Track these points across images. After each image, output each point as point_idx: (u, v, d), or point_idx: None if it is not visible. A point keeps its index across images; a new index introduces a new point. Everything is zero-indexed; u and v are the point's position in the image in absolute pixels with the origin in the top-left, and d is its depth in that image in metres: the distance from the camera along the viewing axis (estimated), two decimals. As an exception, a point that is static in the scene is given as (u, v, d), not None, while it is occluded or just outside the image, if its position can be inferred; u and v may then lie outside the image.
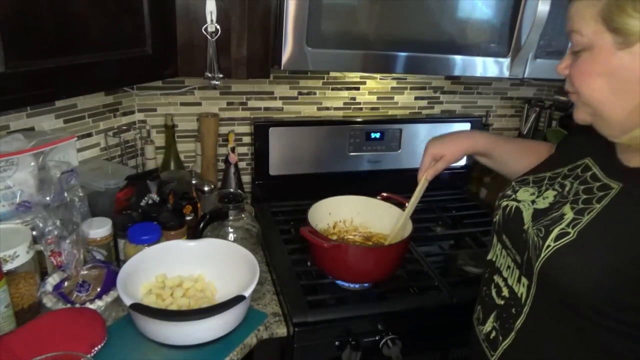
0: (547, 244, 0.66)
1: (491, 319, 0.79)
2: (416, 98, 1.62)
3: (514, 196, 0.79)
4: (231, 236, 1.16)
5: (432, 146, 0.99)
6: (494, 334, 0.78)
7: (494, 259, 0.82)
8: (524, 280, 0.72)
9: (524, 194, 0.78)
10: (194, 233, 1.10)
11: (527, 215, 0.74)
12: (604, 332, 0.64)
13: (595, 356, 0.66)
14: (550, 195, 0.74)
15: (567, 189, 0.72)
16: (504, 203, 0.80)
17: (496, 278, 0.80)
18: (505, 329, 0.75)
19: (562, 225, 0.66)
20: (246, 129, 1.49)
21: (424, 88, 1.61)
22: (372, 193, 1.23)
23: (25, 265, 0.89)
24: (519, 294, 0.73)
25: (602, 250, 0.62)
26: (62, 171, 1.00)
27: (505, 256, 0.78)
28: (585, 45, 0.62)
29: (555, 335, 0.69)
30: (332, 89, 1.52)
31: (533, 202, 0.75)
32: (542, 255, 0.66)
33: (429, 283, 1.12)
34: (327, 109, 1.55)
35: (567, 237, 0.65)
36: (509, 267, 0.77)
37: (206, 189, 1.31)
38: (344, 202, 1.22)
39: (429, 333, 1.09)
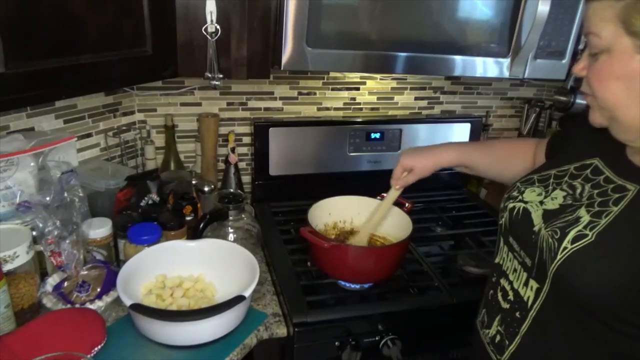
0: (563, 245, 0.64)
1: (496, 322, 0.78)
2: (416, 98, 1.62)
3: (520, 197, 0.77)
4: (231, 236, 1.16)
5: (404, 157, 1.03)
6: (499, 338, 0.77)
7: (500, 262, 0.80)
8: (532, 283, 0.70)
9: (531, 195, 0.76)
10: (194, 233, 1.10)
11: (536, 217, 0.72)
12: (621, 338, 0.62)
13: None
14: (559, 195, 0.72)
15: (578, 191, 0.70)
16: (511, 205, 0.78)
17: (502, 281, 0.78)
18: (510, 333, 0.74)
19: (579, 227, 0.64)
20: (246, 129, 1.49)
21: (424, 88, 1.61)
22: (372, 193, 1.23)
23: (25, 265, 0.89)
24: (525, 298, 0.72)
25: (623, 253, 0.60)
26: (62, 171, 1.00)
27: (512, 259, 0.76)
28: (603, 47, 0.60)
29: (566, 340, 0.67)
30: (332, 89, 1.52)
31: (541, 202, 0.73)
32: (559, 257, 0.64)
33: (429, 283, 1.12)
34: (327, 109, 1.55)
35: (586, 239, 0.63)
36: (515, 270, 0.75)
37: (206, 189, 1.31)
38: (344, 202, 1.22)
39: (429, 333, 1.09)
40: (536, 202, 0.74)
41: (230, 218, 1.16)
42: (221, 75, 1.03)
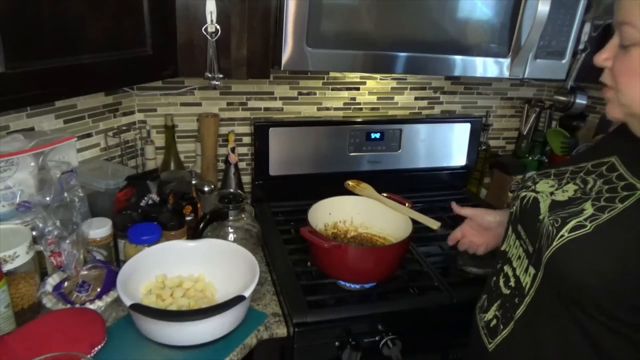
0: (561, 233, 0.65)
1: (494, 307, 0.80)
2: (416, 98, 1.62)
3: (533, 187, 0.78)
4: (231, 236, 1.16)
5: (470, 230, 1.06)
6: (494, 322, 0.78)
7: (506, 249, 0.82)
8: (531, 270, 0.72)
9: (544, 186, 0.77)
10: (194, 233, 1.10)
11: (544, 206, 0.72)
12: (603, 330, 0.63)
13: (591, 355, 0.65)
14: (570, 189, 0.72)
15: (589, 185, 0.70)
16: (523, 194, 0.79)
17: (506, 268, 0.80)
18: (506, 318, 0.76)
19: (580, 219, 0.64)
20: (246, 129, 1.49)
21: (424, 88, 1.61)
22: (372, 193, 1.23)
23: (25, 265, 0.89)
24: (523, 284, 0.73)
25: (616, 248, 0.61)
26: (62, 171, 1.00)
27: (518, 246, 0.78)
28: (637, 40, 0.57)
29: (553, 328, 0.68)
30: (332, 89, 1.52)
31: (552, 193, 0.74)
32: (554, 244, 0.65)
33: (429, 283, 1.12)
34: (327, 109, 1.55)
35: (583, 229, 0.63)
36: (519, 257, 0.77)
37: (206, 189, 1.31)
38: (344, 202, 1.22)
39: (429, 333, 1.09)
40: (547, 192, 0.75)
41: (230, 218, 1.16)
42: (221, 75, 1.03)
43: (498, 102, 1.72)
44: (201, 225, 1.10)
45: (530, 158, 1.69)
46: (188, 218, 1.18)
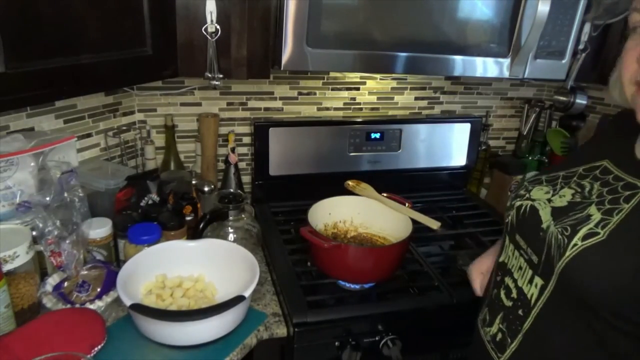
0: (573, 242, 0.63)
1: (498, 320, 0.78)
2: (416, 98, 1.62)
3: (527, 195, 0.76)
4: (231, 236, 1.16)
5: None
6: (500, 336, 0.77)
7: (505, 261, 0.80)
8: (537, 280, 0.70)
9: (538, 193, 0.75)
10: (194, 233, 1.10)
11: (544, 214, 0.71)
12: (620, 336, 0.62)
13: None
14: (567, 193, 0.71)
15: (587, 189, 0.69)
16: (518, 203, 0.77)
17: (507, 280, 0.78)
18: (512, 331, 0.74)
19: (590, 225, 0.63)
20: (246, 129, 1.49)
21: (424, 88, 1.61)
22: (372, 193, 1.23)
23: (25, 265, 0.89)
24: (528, 295, 0.71)
25: (632, 252, 0.60)
26: (62, 171, 1.00)
27: (518, 257, 0.76)
28: None
29: (565, 337, 0.67)
30: (332, 89, 1.52)
31: (549, 200, 0.72)
32: (567, 254, 0.63)
33: (429, 283, 1.12)
34: (327, 109, 1.55)
35: (597, 237, 0.62)
36: (520, 268, 0.75)
37: (206, 189, 1.31)
38: (344, 202, 1.22)
39: (429, 333, 1.09)
40: (544, 199, 0.73)
41: (230, 218, 1.16)
42: (221, 75, 1.03)
43: (498, 102, 1.72)
44: (201, 225, 1.10)
45: (530, 158, 1.69)
46: (188, 218, 1.18)
